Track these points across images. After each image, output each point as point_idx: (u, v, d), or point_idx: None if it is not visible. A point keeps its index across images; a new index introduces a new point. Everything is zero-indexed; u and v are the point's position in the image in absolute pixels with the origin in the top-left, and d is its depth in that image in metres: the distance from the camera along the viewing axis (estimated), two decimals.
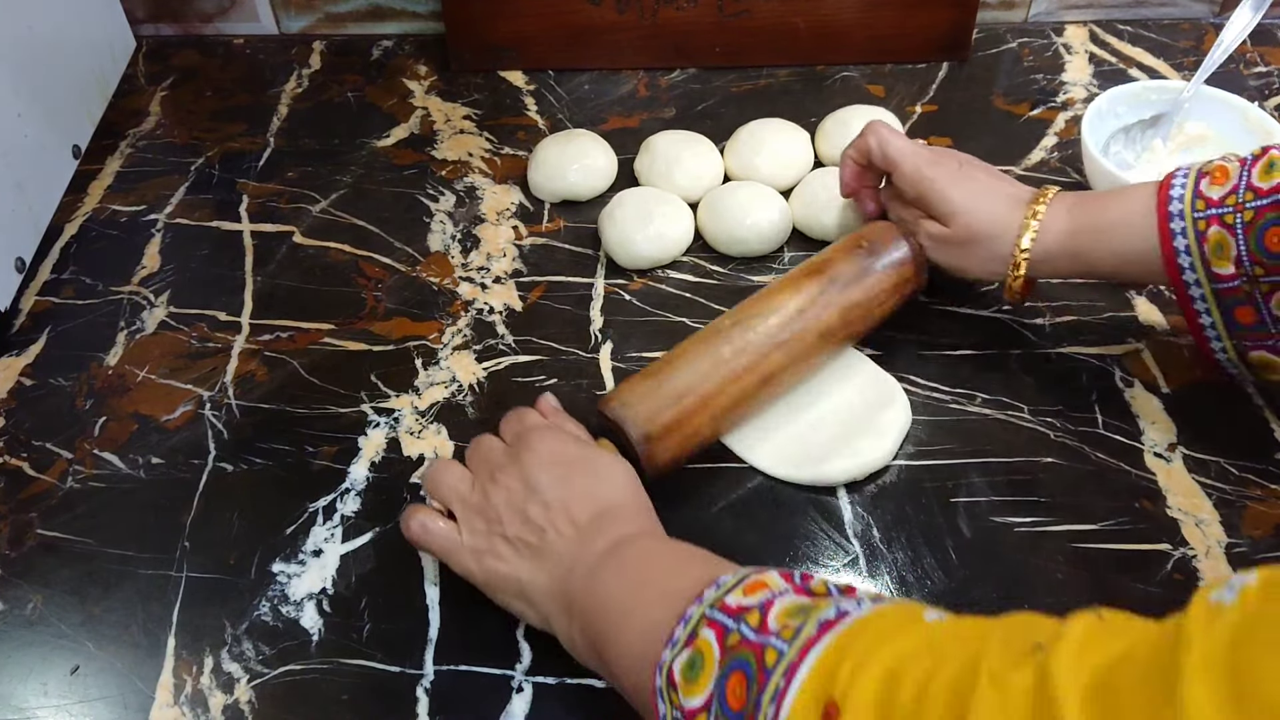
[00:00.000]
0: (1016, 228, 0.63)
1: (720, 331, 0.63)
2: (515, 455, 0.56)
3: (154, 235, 0.80)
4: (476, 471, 0.56)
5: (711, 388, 0.61)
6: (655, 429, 0.59)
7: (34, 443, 0.67)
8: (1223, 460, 0.64)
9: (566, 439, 0.57)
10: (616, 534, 0.52)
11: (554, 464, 0.55)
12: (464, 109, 0.90)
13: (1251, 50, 0.93)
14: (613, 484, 0.55)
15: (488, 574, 0.54)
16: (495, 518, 0.54)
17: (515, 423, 0.59)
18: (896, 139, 0.67)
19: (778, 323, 0.63)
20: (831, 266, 0.65)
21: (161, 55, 0.97)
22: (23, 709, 0.56)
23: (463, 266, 0.77)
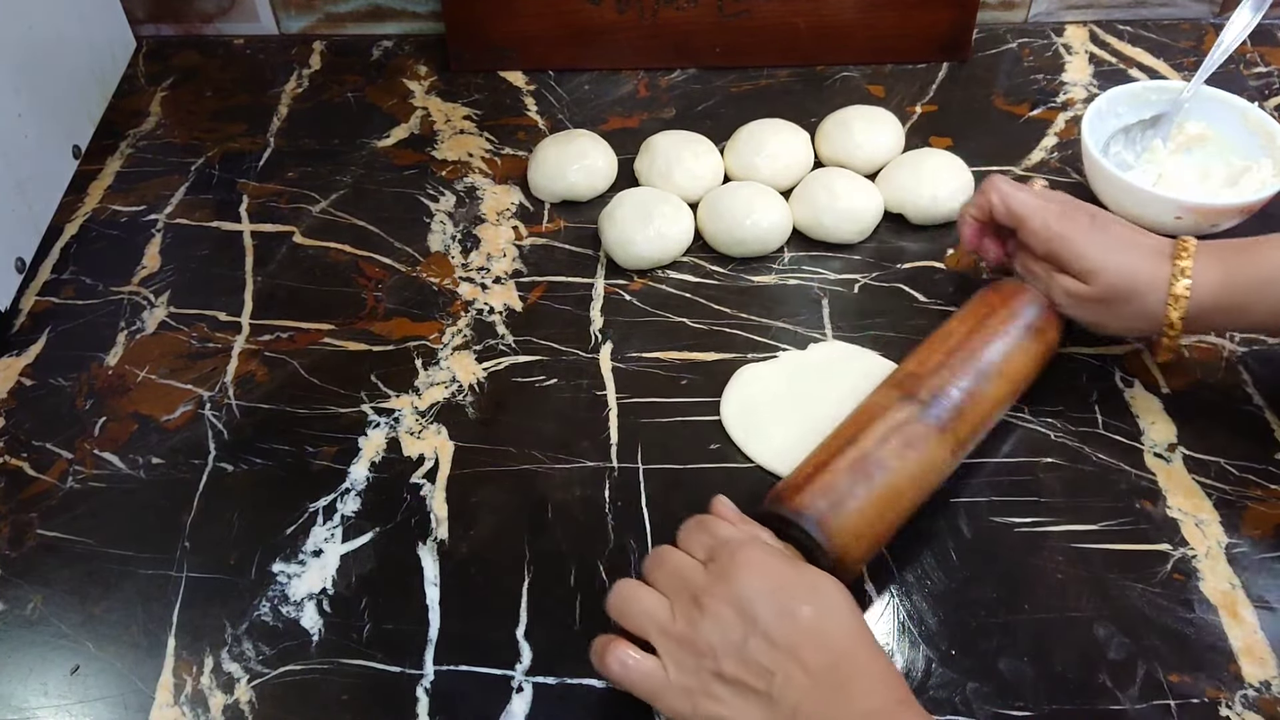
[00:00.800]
0: (1164, 282, 0.60)
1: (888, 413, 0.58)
2: (721, 574, 0.49)
3: (154, 235, 0.80)
4: (673, 595, 0.50)
5: (892, 485, 0.56)
6: (852, 552, 0.54)
7: (34, 443, 0.67)
8: (1223, 460, 0.64)
9: (774, 556, 0.51)
10: (869, 699, 0.46)
11: (771, 590, 0.48)
12: (464, 109, 0.90)
13: (1251, 50, 0.93)
14: (841, 620, 0.48)
15: (706, 718, 0.48)
16: (708, 652, 0.48)
17: (704, 535, 0.52)
18: (1020, 193, 0.64)
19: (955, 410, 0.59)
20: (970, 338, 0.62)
21: (161, 55, 0.97)
22: (23, 709, 0.56)
23: (463, 266, 0.77)
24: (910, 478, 0.57)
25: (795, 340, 0.71)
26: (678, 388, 0.69)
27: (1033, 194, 0.65)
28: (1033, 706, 0.54)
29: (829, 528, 0.53)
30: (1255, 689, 0.54)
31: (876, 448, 0.56)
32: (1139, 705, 0.54)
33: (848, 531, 0.54)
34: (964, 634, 0.57)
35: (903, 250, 0.77)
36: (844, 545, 0.53)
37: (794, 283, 0.75)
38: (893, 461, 0.56)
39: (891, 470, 0.56)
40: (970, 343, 0.62)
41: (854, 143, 0.81)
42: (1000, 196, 0.65)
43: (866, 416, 0.59)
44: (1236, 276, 0.60)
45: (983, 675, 0.55)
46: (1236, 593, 0.58)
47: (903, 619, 0.57)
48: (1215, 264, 0.60)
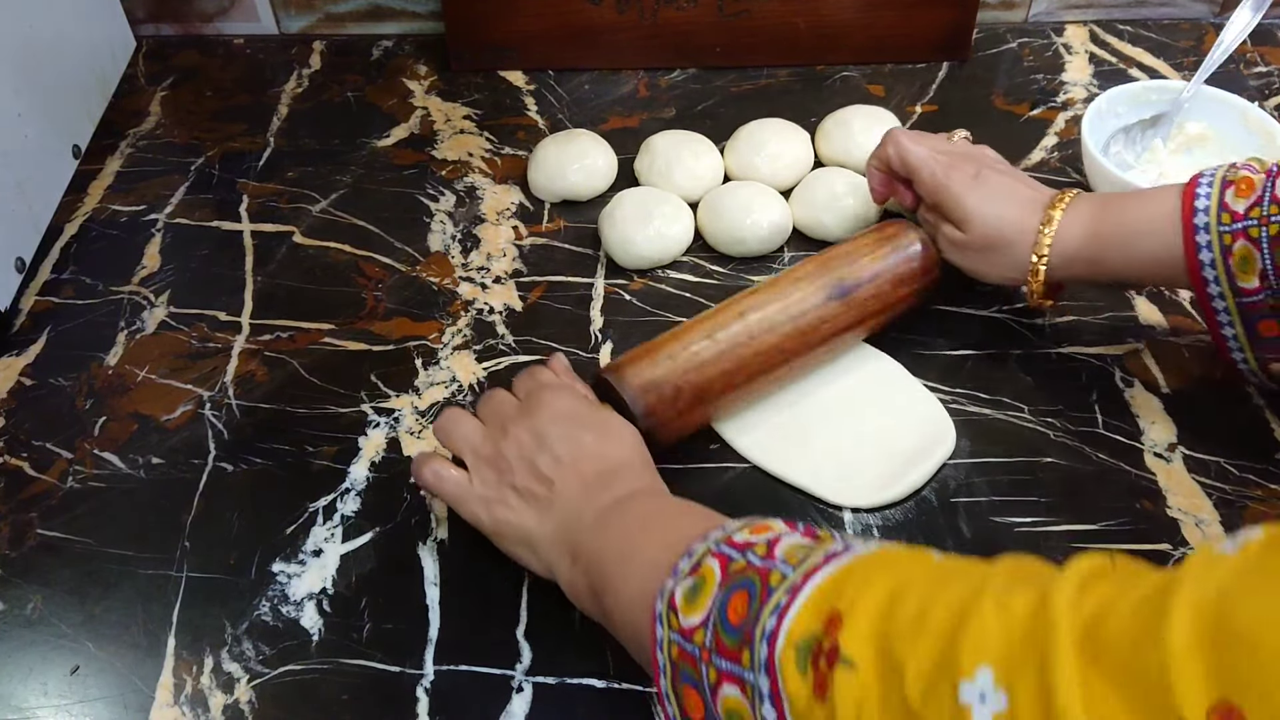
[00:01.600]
0: (1033, 233, 0.63)
1: (722, 311, 0.64)
2: (527, 410, 0.57)
3: (154, 235, 0.80)
4: (488, 422, 0.58)
5: (712, 361, 0.61)
6: (654, 401, 0.60)
7: (34, 443, 0.67)
8: (1223, 460, 0.64)
9: (578, 397, 0.58)
10: (623, 489, 0.53)
11: (565, 420, 0.56)
12: (464, 109, 0.90)
13: (1251, 50, 0.93)
14: (620, 444, 0.56)
15: (496, 522, 0.55)
16: (506, 468, 0.55)
17: (528, 380, 0.60)
18: (914, 146, 0.67)
19: (781, 308, 0.63)
20: (840, 261, 0.66)
21: (161, 55, 0.97)
22: (23, 709, 0.56)
23: (463, 266, 0.77)
24: (708, 341, 0.62)
25: None
26: None
27: (929, 147, 0.67)
28: None
29: (644, 400, 0.60)
30: None
31: (683, 329, 0.63)
32: None
33: (641, 388, 0.60)
34: None
35: None
36: (643, 398, 0.60)
37: None
38: (692, 330, 0.62)
39: (690, 335, 0.62)
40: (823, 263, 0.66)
41: (854, 143, 0.81)
42: (896, 149, 0.68)
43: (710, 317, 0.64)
44: (1102, 229, 0.62)
45: None
46: None
47: None
48: (1084, 216, 0.62)
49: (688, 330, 0.63)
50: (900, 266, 0.66)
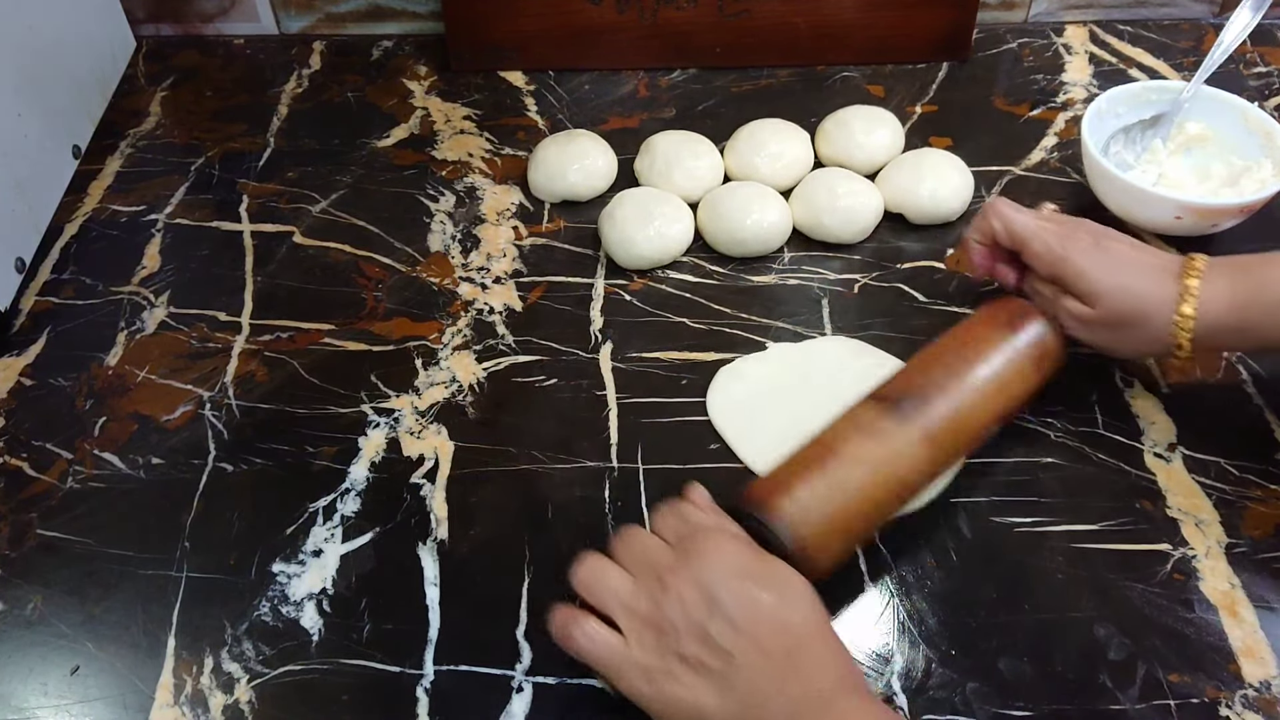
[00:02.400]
0: (1171, 304, 0.59)
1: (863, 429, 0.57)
2: (687, 557, 0.50)
3: (154, 235, 0.80)
4: (639, 574, 0.51)
5: (869, 497, 0.56)
6: (811, 535, 0.54)
7: (34, 443, 0.67)
8: (1223, 460, 0.64)
9: (743, 546, 0.51)
10: (820, 680, 0.47)
11: (735, 576, 0.49)
12: (464, 109, 0.90)
13: (1251, 50, 0.93)
14: (801, 610, 0.49)
15: (664, 698, 0.48)
16: (670, 631, 0.48)
17: (675, 520, 0.53)
18: (1020, 215, 0.63)
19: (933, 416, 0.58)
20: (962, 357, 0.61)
21: (161, 55, 0.97)
22: (23, 709, 0.56)
23: (463, 266, 0.77)
24: (873, 471, 0.56)
25: (795, 340, 0.71)
26: (678, 388, 0.69)
27: (1034, 215, 0.64)
28: (1033, 706, 0.54)
29: (793, 525, 0.53)
30: (1255, 689, 0.54)
31: (840, 444, 0.56)
32: (1139, 705, 0.54)
33: (811, 528, 0.54)
34: (964, 634, 0.57)
35: (902, 250, 0.77)
36: (807, 541, 0.53)
37: (794, 283, 0.75)
38: (853, 453, 0.56)
39: (853, 463, 0.56)
40: (958, 357, 0.61)
41: (854, 143, 0.81)
42: (1001, 220, 0.64)
43: (842, 421, 0.59)
44: (1245, 296, 0.58)
45: (983, 675, 0.55)
46: (1236, 593, 0.58)
47: (903, 619, 0.57)
48: (1224, 284, 0.59)
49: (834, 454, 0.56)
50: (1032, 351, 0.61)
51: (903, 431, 0.57)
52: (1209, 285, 0.59)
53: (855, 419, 0.58)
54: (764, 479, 0.57)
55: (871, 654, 0.56)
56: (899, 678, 0.55)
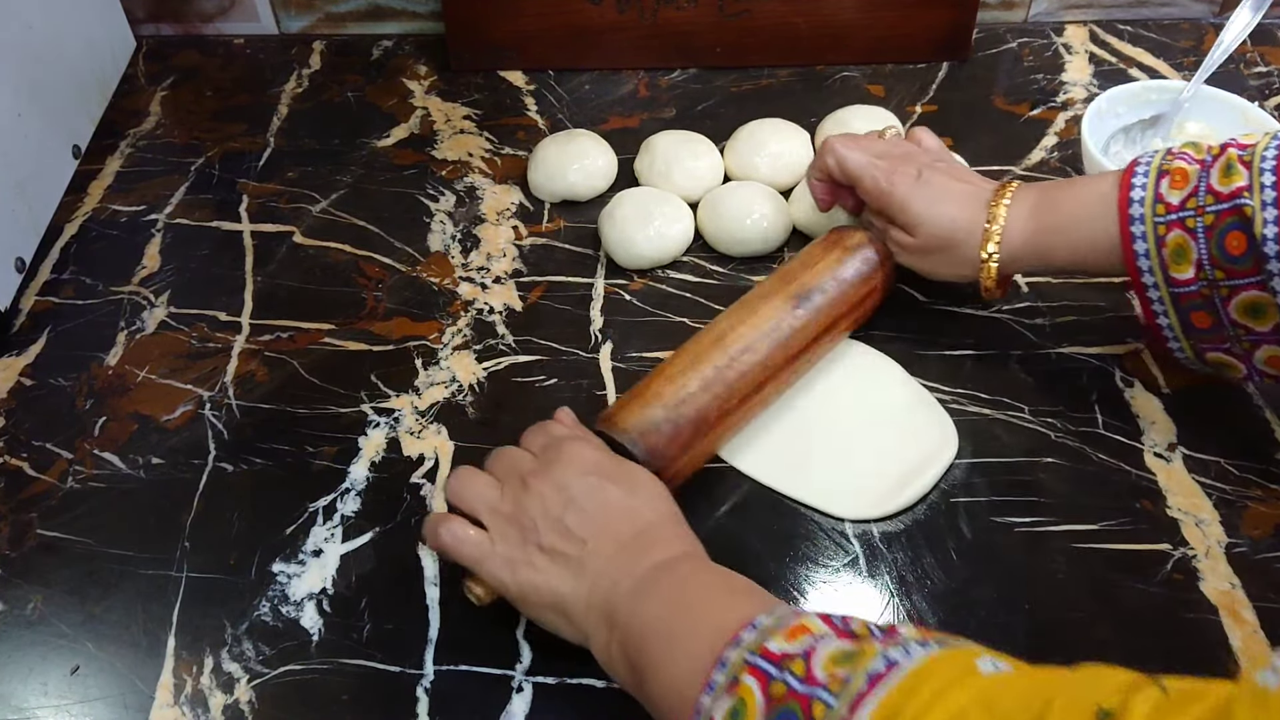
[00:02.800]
0: (980, 230, 0.63)
1: (698, 342, 0.63)
2: (548, 462, 0.54)
3: (154, 235, 0.80)
4: (505, 479, 0.55)
5: (700, 391, 0.60)
6: (656, 443, 0.58)
7: (34, 443, 0.67)
8: (1223, 460, 0.64)
9: (599, 449, 0.56)
10: (661, 554, 0.51)
11: (590, 473, 0.53)
12: (464, 109, 0.90)
13: (1251, 50, 0.93)
14: (649, 498, 0.54)
15: (522, 585, 0.52)
16: (530, 526, 0.52)
17: (540, 434, 0.57)
18: (852, 153, 0.67)
19: (753, 326, 0.63)
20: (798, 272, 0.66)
21: (161, 55, 0.97)
22: (23, 709, 0.56)
23: (463, 266, 0.77)
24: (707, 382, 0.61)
25: None
26: None
27: (865, 152, 0.67)
28: None
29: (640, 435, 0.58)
30: None
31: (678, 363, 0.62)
32: None
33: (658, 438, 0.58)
34: (964, 634, 0.56)
35: None
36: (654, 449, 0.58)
37: None
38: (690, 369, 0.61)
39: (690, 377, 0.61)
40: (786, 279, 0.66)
41: None
42: (835, 158, 0.68)
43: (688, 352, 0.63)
44: (1043, 219, 0.62)
45: None
46: (1236, 593, 0.58)
47: (903, 619, 0.57)
48: (1025, 209, 0.62)
49: (669, 367, 0.62)
50: (859, 268, 0.66)
51: (729, 342, 0.62)
52: (1014, 209, 0.63)
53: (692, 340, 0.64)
54: (616, 401, 0.62)
55: None
56: None
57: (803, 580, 0.59)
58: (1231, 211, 0.55)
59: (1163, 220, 0.57)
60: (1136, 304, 0.65)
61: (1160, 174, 0.58)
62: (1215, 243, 0.55)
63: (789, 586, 0.59)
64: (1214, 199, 0.55)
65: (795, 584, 0.59)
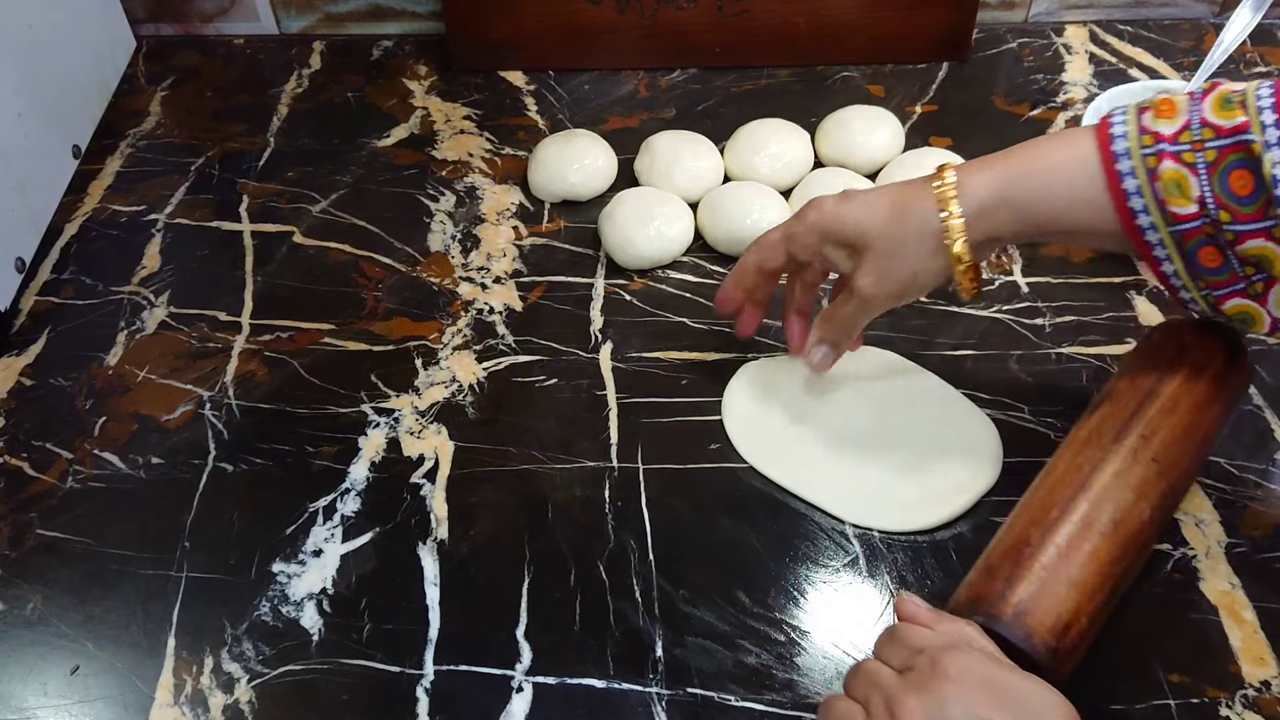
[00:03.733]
0: (933, 208, 0.55)
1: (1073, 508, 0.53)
2: (918, 685, 0.43)
3: (154, 235, 0.80)
4: (868, 702, 0.45)
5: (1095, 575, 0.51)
6: (1059, 633, 0.49)
7: (34, 443, 0.67)
8: (1223, 460, 0.64)
9: (982, 663, 0.44)
10: None
11: (980, 703, 0.42)
12: (464, 109, 0.90)
13: (1251, 50, 0.93)
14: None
15: None
16: None
17: (896, 645, 0.47)
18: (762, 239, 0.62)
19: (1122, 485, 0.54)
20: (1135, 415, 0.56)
21: (161, 55, 0.97)
22: (23, 709, 0.56)
23: (463, 266, 0.77)
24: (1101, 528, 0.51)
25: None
26: (678, 388, 0.69)
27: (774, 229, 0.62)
28: None
29: (1037, 632, 0.48)
30: (1255, 689, 0.54)
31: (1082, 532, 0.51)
32: (1139, 705, 0.54)
33: (1048, 615, 0.48)
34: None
35: None
36: (1047, 632, 0.48)
37: None
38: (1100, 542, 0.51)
39: (1080, 525, 0.52)
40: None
41: (854, 143, 0.81)
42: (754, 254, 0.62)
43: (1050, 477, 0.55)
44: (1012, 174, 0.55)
45: None
46: (1236, 593, 0.58)
47: None
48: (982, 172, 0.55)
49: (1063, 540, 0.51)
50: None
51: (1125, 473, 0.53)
52: (965, 176, 0.55)
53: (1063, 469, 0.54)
54: (989, 577, 0.51)
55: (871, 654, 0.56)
56: None
57: (803, 580, 0.59)
58: (1236, 148, 0.50)
59: (1151, 151, 0.51)
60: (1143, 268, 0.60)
61: (1141, 110, 0.53)
62: (1219, 181, 0.50)
63: (789, 587, 0.59)
64: (1214, 133, 0.50)
65: (795, 584, 0.59)
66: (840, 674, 0.55)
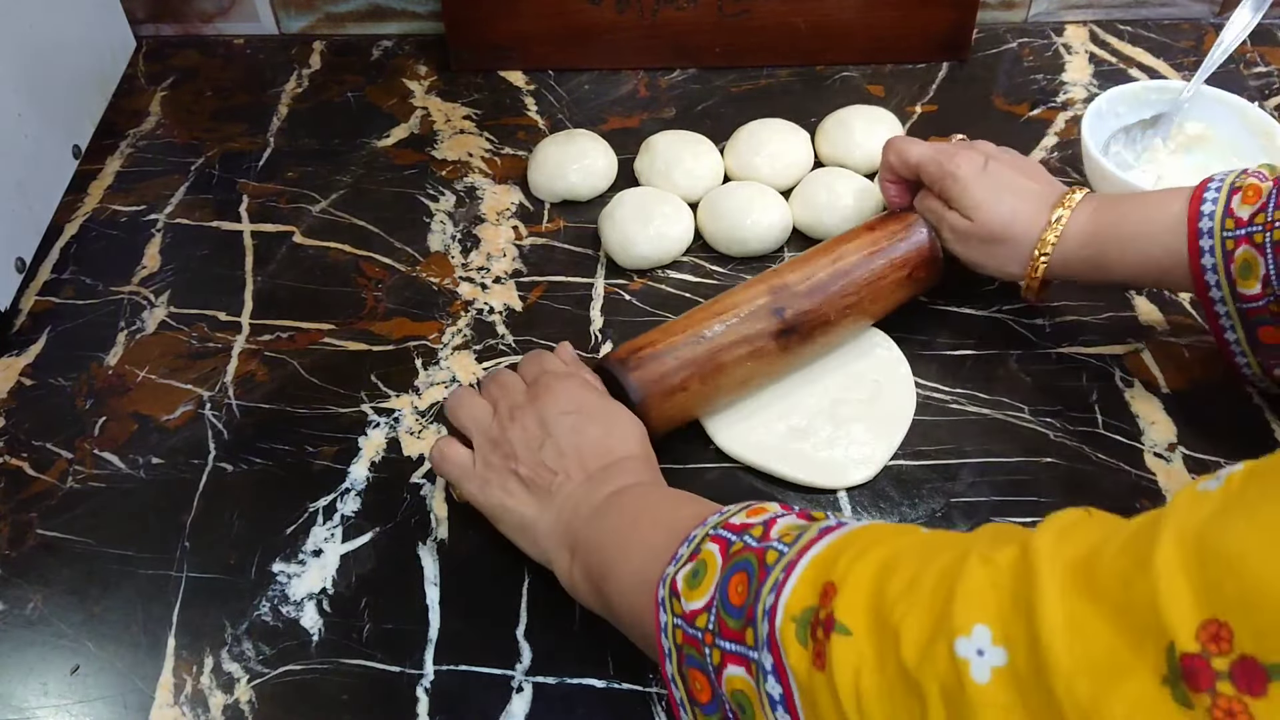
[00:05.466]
0: (1040, 228, 0.63)
1: (724, 299, 0.64)
2: (535, 396, 0.58)
3: (154, 235, 0.80)
4: (496, 404, 0.59)
5: (708, 353, 0.62)
6: (654, 393, 0.60)
7: (34, 443, 0.67)
8: (1223, 460, 0.64)
9: (585, 387, 0.59)
10: (623, 481, 0.54)
11: (571, 411, 0.57)
12: (464, 109, 0.90)
13: (1251, 50, 0.93)
14: (624, 437, 0.57)
15: (494, 506, 0.56)
16: (510, 454, 0.56)
17: (535, 365, 0.61)
18: (913, 146, 0.68)
19: (787, 284, 0.64)
20: (841, 246, 0.66)
21: (161, 55, 0.97)
22: (23, 709, 0.56)
23: (463, 266, 0.77)
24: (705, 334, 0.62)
25: None
26: None
27: (927, 144, 0.68)
28: None
29: (643, 387, 0.60)
30: None
31: (699, 319, 0.63)
32: None
33: (654, 384, 0.61)
34: None
35: None
36: (650, 400, 0.61)
37: None
38: (693, 314, 0.63)
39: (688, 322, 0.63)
40: (828, 254, 0.66)
41: (854, 143, 0.81)
42: (897, 155, 0.68)
43: (724, 307, 0.64)
44: (1105, 229, 0.62)
45: None
46: None
47: None
48: (1087, 216, 0.62)
49: (687, 315, 0.64)
50: (906, 245, 0.67)
51: (756, 314, 0.63)
52: (1076, 215, 0.63)
53: (719, 299, 0.64)
54: (634, 342, 0.63)
55: None
56: None
57: None
58: None
59: (1231, 235, 0.57)
60: (1201, 319, 0.65)
61: (1233, 190, 0.58)
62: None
63: None
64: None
65: None
66: None
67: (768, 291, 0.64)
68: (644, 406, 0.60)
